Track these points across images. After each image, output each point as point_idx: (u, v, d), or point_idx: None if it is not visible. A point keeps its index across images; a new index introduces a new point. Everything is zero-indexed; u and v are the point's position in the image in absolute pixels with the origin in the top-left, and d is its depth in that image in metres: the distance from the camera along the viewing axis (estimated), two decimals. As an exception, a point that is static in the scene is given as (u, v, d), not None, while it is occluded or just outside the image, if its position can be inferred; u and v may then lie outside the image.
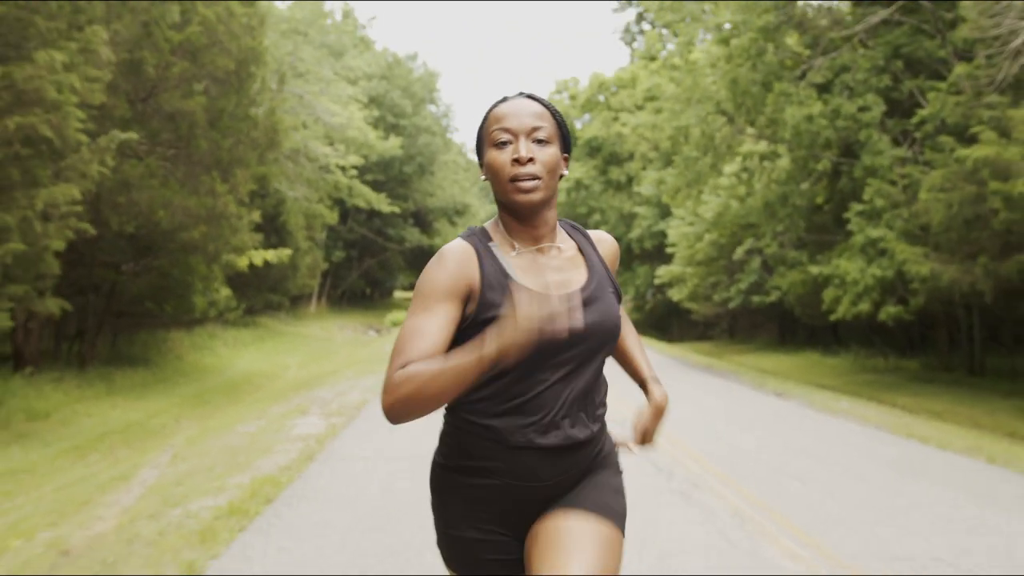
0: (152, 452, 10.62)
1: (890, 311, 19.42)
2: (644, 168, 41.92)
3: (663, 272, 42.38)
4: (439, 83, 67.14)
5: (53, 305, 12.33)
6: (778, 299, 29.00)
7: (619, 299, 2.42)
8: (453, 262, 2.22)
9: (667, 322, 51.66)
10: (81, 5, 11.99)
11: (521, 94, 2.36)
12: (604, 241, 2.53)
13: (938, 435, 12.50)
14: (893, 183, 19.20)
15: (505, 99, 2.35)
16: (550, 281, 2.28)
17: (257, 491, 7.51)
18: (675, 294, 41.57)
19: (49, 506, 7.75)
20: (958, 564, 5.71)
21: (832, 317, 21.57)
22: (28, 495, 8.53)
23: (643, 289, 52.78)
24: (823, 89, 22.03)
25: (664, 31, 43.59)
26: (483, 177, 2.35)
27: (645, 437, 2.54)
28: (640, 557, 5.60)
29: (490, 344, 1.94)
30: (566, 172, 2.40)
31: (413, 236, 59.52)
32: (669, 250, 41.47)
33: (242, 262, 21.63)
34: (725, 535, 6.26)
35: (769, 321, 39.84)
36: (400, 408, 2.02)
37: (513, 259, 2.29)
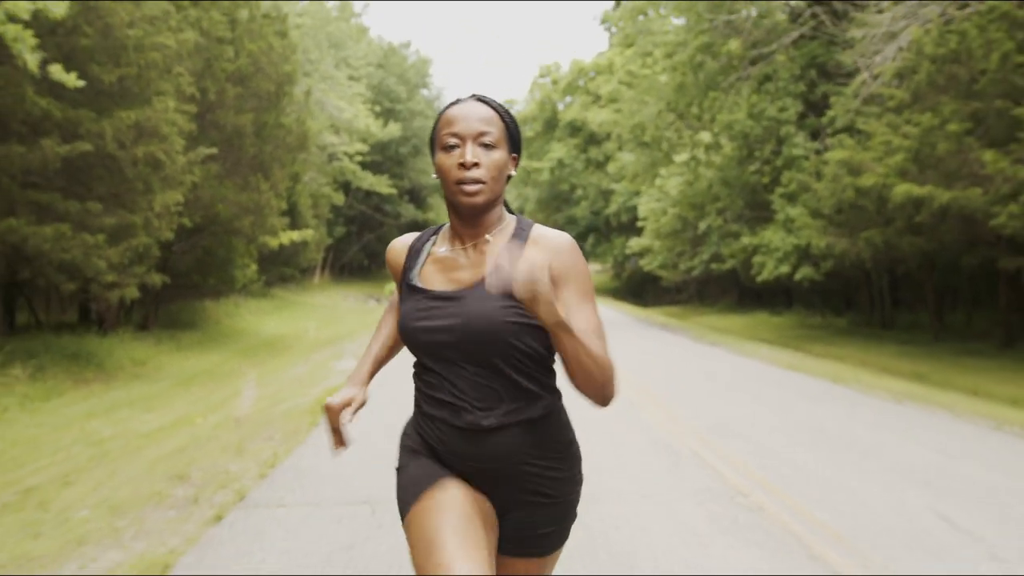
0: (237, 383, 14.88)
1: (805, 272, 23.95)
2: (620, 148, 45.75)
3: (633, 243, 46.64)
4: (431, 69, 70.69)
5: (158, 279, 16.61)
6: (732, 267, 33.16)
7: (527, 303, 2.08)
8: (389, 254, 2.59)
9: (642, 288, 55.88)
10: (169, 53, 16.07)
11: (473, 97, 2.40)
12: (546, 244, 2.38)
13: (812, 366, 16.82)
14: (806, 170, 23.58)
15: (457, 102, 2.40)
16: (453, 277, 2.40)
17: (330, 394, 11.82)
18: (646, 264, 45.75)
19: (192, 408, 12.00)
20: (752, 422, 10.06)
21: (759, 279, 26.16)
22: (167, 407, 12.74)
23: (620, 259, 57.06)
24: (758, 88, 26.38)
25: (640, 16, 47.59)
26: (434, 176, 2.42)
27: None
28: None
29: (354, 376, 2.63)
30: (513, 173, 2.45)
31: (408, 212, 63.80)
32: (639, 223, 45.64)
33: (273, 242, 25.88)
34: (619, 412, 10.55)
35: (734, 287, 44.06)
36: None
37: (438, 256, 2.46)
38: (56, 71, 12.14)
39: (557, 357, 2.31)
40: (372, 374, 2.72)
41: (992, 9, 14.68)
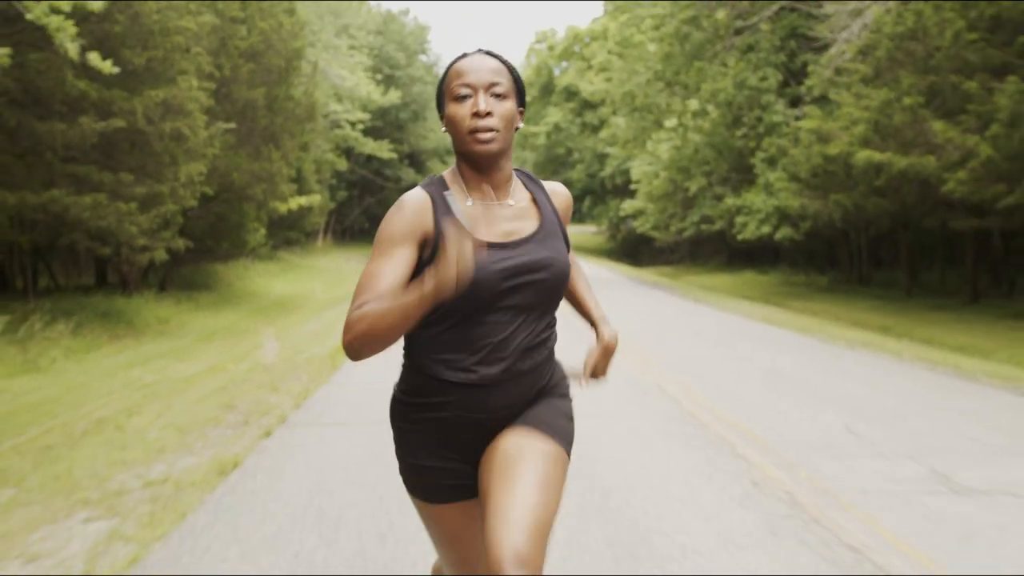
0: (258, 338, 16.31)
1: (785, 232, 25.45)
2: (614, 113, 46.84)
3: (627, 205, 47.95)
4: (429, 35, 71.65)
5: (181, 243, 18.04)
6: (721, 228, 34.59)
7: (568, 247, 2.53)
8: (409, 210, 2.33)
9: (636, 249, 57.20)
10: (189, 35, 17.36)
11: (480, 50, 2.44)
12: (557, 193, 2.60)
13: (785, 320, 18.23)
14: (786, 136, 25.00)
15: (465, 55, 2.44)
16: (501, 230, 2.38)
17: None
18: (639, 225, 47.07)
19: (221, 358, 13.42)
20: (717, 366, 11.51)
21: (740, 238, 27.70)
22: (198, 358, 14.17)
23: (615, 220, 58.49)
24: (741, 58, 27.78)
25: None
26: (443, 129, 2.44)
27: (595, 373, 2.73)
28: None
29: (428, 282, 2.04)
30: (521, 125, 2.48)
31: (408, 175, 65.24)
32: (632, 186, 46.94)
33: (282, 208, 27.30)
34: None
35: (724, 247, 45.44)
36: (357, 345, 2.19)
37: (467, 208, 2.39)
38: (94, 59, 13.42)
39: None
40: None
41: (946, -10, 16.00)
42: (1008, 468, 6.08)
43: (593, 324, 2.78)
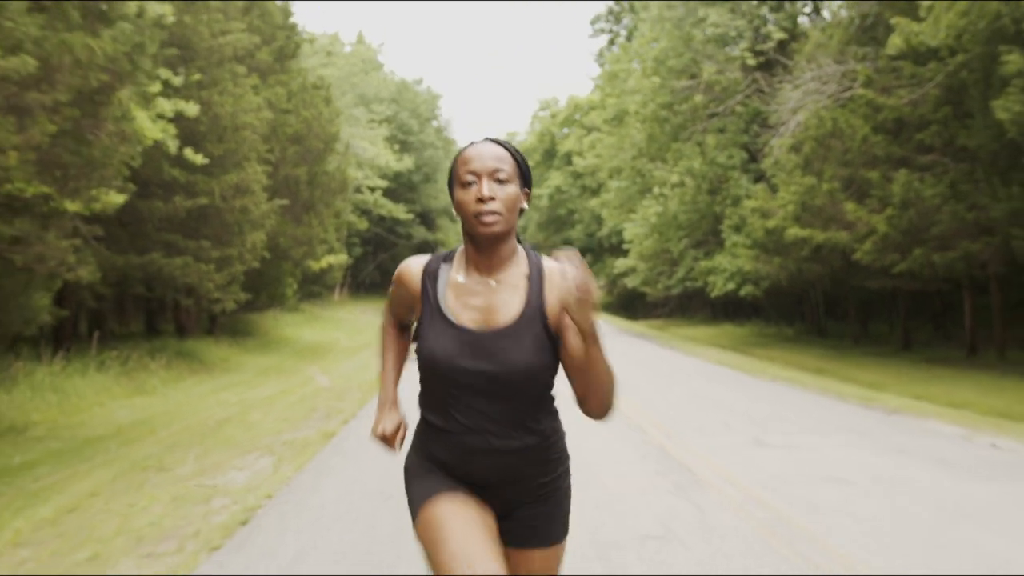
0: (306, 373, 20.23)
1: (748, 289, 29.51)
2: (611, 177, 50.75)
3: (620, 263, 51.79)
4: (440, 103, 76.33)
5: (243, 296, 22.07)
6: (703, 284, 38.45)
7: (552, 338, 2.58)
8: (401, 281, 2.76)
9: (632, 304, 61.23)
10: (248, 130, 21.46)
11: (486, 139, 2.59)
12: (555, 278, 2.61)
13: (736, 362, 22.05)
14: (746, 208, 29.11)
15: (472, 144, 2.58)
16: (479, 307, 2.58)
17: (383, 375, 17.17)
18: (630, 282, 50.78)
19: (282, 387, 17.33)
20: (660, 392, 15.44)
21: (712, 295, 31.76)
22: (265, 386, 18.06)
23: (612, 277, 62.42)
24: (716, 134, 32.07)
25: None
26: (455, 215, 2.58)
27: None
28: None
29: (378, 414, 2.96)
30: (526, 206, 2.63)
31: (419, 233, 69.69)
32: (625, 246, 50.77)
33: (315, 266, 31.42)
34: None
35: (709, 302, 49.27)
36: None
37: (455, 282, 2.62)
38: (188, 153, 17.59)
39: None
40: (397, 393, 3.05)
41: (859, 97, 20.00)
42: (800, 436, 10.02)
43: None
